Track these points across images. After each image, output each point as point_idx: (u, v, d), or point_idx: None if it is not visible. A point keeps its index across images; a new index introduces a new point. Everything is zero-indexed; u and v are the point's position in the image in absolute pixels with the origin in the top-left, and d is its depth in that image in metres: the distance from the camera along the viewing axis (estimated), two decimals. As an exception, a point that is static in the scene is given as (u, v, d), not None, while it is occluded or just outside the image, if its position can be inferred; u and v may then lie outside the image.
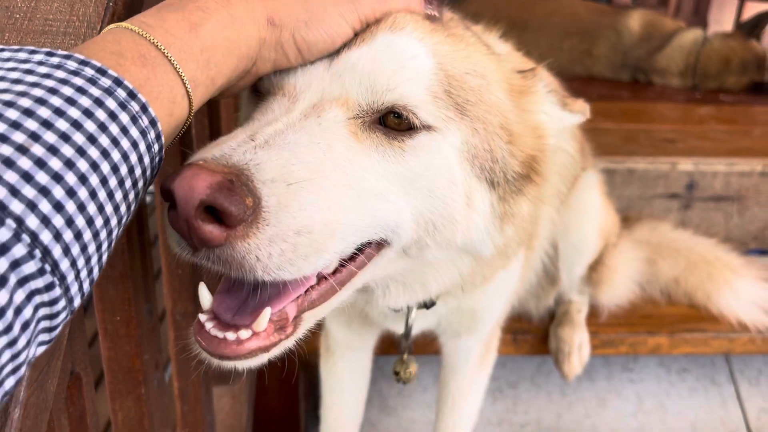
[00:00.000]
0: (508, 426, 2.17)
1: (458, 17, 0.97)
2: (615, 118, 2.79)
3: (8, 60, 0.54)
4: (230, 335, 0.71)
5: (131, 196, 0.58)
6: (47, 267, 0.48)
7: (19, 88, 0.51)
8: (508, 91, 0.90)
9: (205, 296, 0.76)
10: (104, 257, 0.56)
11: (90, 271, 0.53)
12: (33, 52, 0.56)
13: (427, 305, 1.16)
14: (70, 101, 0.52)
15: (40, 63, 0.54)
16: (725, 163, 2.34)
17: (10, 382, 0.48)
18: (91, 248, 0.52)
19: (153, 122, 0.60)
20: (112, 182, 0.54)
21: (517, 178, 0.89)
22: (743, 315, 2.09)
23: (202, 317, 0.74)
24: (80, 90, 0.53)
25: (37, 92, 0.51)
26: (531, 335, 2.05)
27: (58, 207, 0.49)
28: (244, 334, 0.71)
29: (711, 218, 2.41)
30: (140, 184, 0.59)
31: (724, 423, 2.21)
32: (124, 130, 0.56)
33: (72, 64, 0.55)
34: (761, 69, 3.37)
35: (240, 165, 0.65)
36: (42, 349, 0.52)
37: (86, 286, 0.53)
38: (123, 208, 0.56)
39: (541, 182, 0.93)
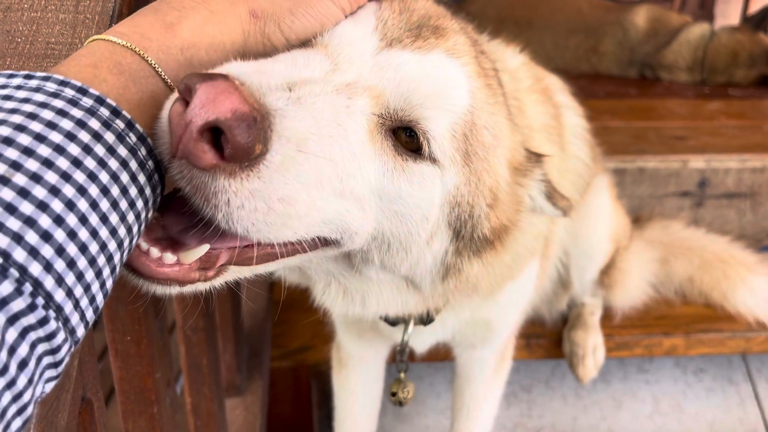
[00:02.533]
0: (523, 430, 2.15)
1: (496, 68, 0.95)
2: (623, 115, 2.76)
3: None
4: (155, 252, 0.64)
5: (130, 217, 0.55)
6: (39, 301, 0.46)
7: None
8: (508, 160, 0.90)
9: None
10: (109, 282, 0.54)
11: (92, 299, 0.51)
12: (11, 76, 0.54)
13: (424, 321, 1.13)
14: (51, 125, 0.50)
15: (19, 87, 0.53)
16: (737, 159, 2.31)
17: (16, 424, 0.46)
18: (89, 275, 0.50)
19: (142, 138, 0.57)
20: (104, 205, 0.52)
21: (482, 240, 0.88)
22: (760, 313, 2.07)
23: None
24: (61, 113, 0.52)
25: (16, 119, 0.49)
26: (545, 339, 2.03)
27: (46, 237, 0.47)
28: (168, 258, 0.65)
29: (724, 215, 2.38)
30: (139, 203, 0.57)
31: (742, 423, 2.18)
32: (111, 150, 0.53)
33: (51, 86, 0.53)
34: (770, 62, 3.33)
35: (270, 108, 0.61)
36: (51, 385, 0.51)
37: (90, 314, 0.52)
38: (122, 231, 0.54)
39: (501, 252, 0.92)
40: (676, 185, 2.33)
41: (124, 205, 0.54)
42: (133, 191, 0.56)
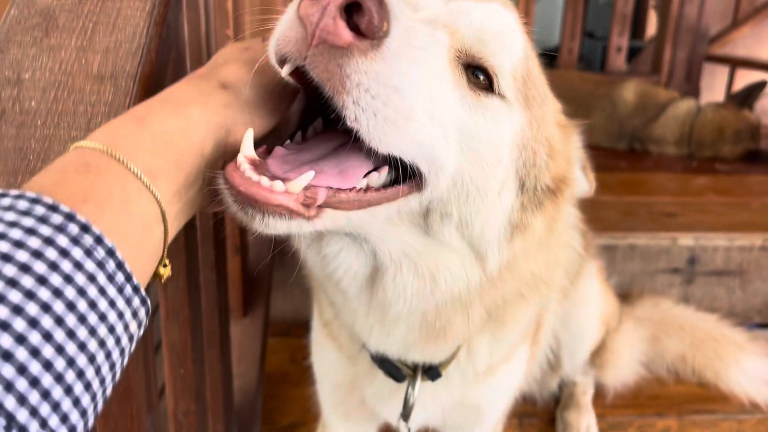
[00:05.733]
0: None
1: None
2: (614, 190, 2.82)
3: None
4: (264, 180, 0.68)
5: (102, 330, 0.55)
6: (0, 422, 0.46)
7: None
8: (556, 119, 0.99)
9: (247, 142, 0.73)
10: (85, 399, 0.53)
11: (64, 418, 0.51)
12: None
13: (432, 376, 1.14)
14: (19, 244, 0.51)
15: None
16: (725, 237, 2.35)
17: None
18: (57, 392, 0.50)
19: (110, 252, 0.57)
20: (70, 320, 0.52)
21: (544, 191, 0.94)
22: (754, 393, 2.07)
23: (240, 157, 0.70)
24: (29, 231, 0.52)
25: None
26: (537, 419, 2.01)
27: (6, 356, 0.47)
28: (278, 185, 0.69)
29: (714, 292, 2.41)
30: (111, 316, 0.56)
31: (737, 506, 2.15)
32: (78, 266, 0.54)
33: (23, 204, 0.54)
34: (755, 138, 3.43)
35: None
36: None
37: None
38: (92, 345, 0.54)
39: (561, 203, 0.99)
40: (666, 262, 2.36)
41: (93, 318, 0.54)
42: (102, 304, 0.55)
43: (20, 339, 0.49)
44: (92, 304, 0.55)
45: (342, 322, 1.19)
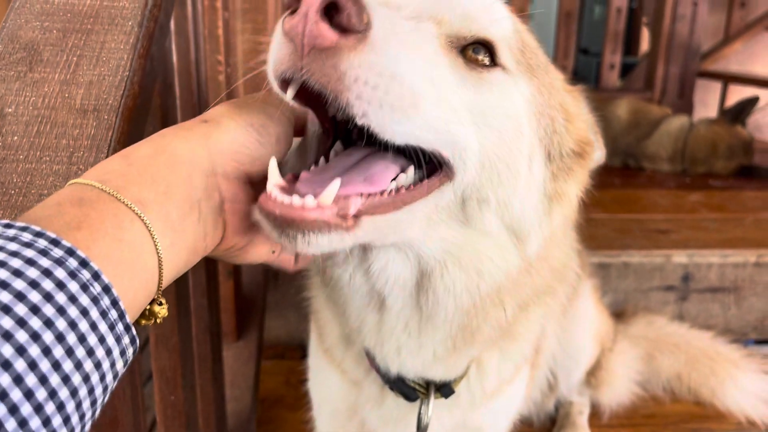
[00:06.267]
0: None
1: None
2: (608, 207, 2.82)
3: None
4: (296, 200, 0.70)
5: (87, 365, 0.56)
6: None
7: None
8: (563, 85, 1.00)
9: (273, 171, 0.75)
10: None
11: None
12: None
13: (445, 393, 1.14)
14: (18, 273, 0.52)
15: None
16: (719, 254, 2.35)
17: None
18: (35, 423, 0.50)
19: (106, 288, 0.58)
20: (57, 352, 0.53)
21: (571, 155, 0.95)
22: (751, 411, 2.05)
23: (269, 186, 0.72)
24: (29, 262, 0.54)
25: None
26: (533, 440, 2.00)
27: (3, 396, 0.48)
28: (309, 201, 0.70)
29: (709, 309, 2.40)
30: (99, 352, 0.57)
31: None
32: (72, 299, 0.55)
33: (27, 236, 0.56)
34: (748, 153, 3.44)
35: None
36: None
37: None
38: (76, 379, 0.54)
39: (589, 166, 1.00)
40: (660, 279, 2.36)
41: (81, 352, 0.55)
42: (92, 339, 0.56)
43: (6, 365, 0.49)
44: (82, 338, 0.55)
45: (361, 344, 1.17)
